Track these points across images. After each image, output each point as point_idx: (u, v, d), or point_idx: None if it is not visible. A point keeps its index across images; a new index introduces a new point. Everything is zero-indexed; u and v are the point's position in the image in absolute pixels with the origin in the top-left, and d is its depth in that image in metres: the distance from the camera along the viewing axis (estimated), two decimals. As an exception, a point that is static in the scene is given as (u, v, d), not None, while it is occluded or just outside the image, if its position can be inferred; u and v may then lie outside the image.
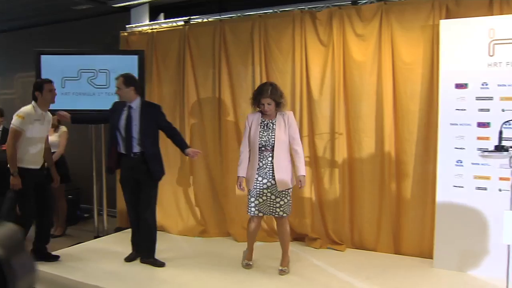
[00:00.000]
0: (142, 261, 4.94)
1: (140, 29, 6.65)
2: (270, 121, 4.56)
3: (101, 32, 7.41)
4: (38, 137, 4.83)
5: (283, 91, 4.69)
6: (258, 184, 4.55)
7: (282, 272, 4.58)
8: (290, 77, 5.52)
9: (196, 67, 6.18)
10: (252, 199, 4.59)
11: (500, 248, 3.83)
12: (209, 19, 6.16)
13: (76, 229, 6.97)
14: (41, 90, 4.78)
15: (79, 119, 5.13)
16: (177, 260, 5.06)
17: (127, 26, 6.78)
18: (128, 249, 5.07)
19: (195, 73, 6.17)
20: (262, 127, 4.57)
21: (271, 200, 4.52)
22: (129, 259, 5.00)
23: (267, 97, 4.49)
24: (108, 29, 7.22)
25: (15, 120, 4.69)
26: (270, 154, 4.50)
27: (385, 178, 5.15)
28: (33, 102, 4.81)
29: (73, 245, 5.77)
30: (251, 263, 4.79)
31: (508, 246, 3.46)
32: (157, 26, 6.52)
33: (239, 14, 5.95)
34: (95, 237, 6.14)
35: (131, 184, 4.86)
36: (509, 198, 3.47)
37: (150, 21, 6.68)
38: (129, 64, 5.89)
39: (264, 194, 4.54)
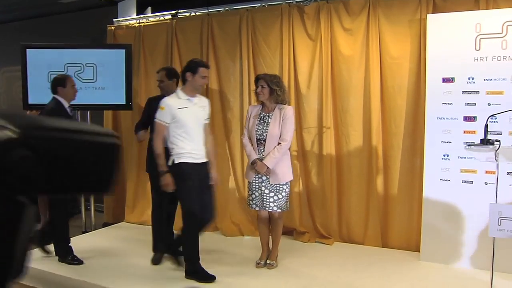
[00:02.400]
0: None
1: (127, 23, 6.61)
2: (267, 114, 4.53)
3: (88, 26, 7.35)
4: None
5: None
6: (255, 178, 4.55)
7: (270, 266, 4.59)
8: (278, 71, 5.50)
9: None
10: (250, 193, 4.61)
11: (486, 241, 3.86)
12: (197, 13, 6.14)
13: (63, 224, 6.93)
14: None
15: (138, 129, 5.10)
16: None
17: (114, 20, 6.73)
18: (115, 245, 5.05)
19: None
20: (259, 120, 4.56)
21: (265, 195, 4.52)
22: (157, 261, 4.80)
23: (261, 77, 4.52)
24: (95, 23, 7.17)
25: None
26: (263, 148, 4.49)
27: (372, 172, 5.17)
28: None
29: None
30: (261, 262, 4.66)
31: (494, 239, 3.50)
32: (144, 20, 6.48)
33: (226, 8, 5.92)
34: (83, 232, 6.11)
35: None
36: (495, 192, 3.51)
37: (137, 15, 6.64)
38: (116, 58, 5.85)
39: (259, 188, 4.53)
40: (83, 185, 0.72)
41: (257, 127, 4.55)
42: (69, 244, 4.81)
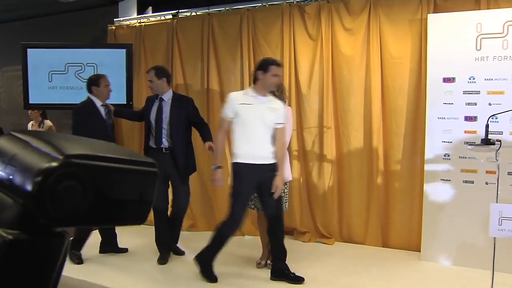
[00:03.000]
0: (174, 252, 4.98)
1: (128, 22, 6.60)
2: None
3: (88, 26, 7.34)
4: None
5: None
6: None
7: (271, 266, 4.58)
8: (278, 71, 5.52)
9: (184, 61, 6.15)
10: None
11: (486, 241, 3.86)
12: (197, 13, 6.13)
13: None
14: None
15: (121, 112, 5.20)
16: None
17: (115, 19, 6.73)
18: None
19: (183, 67, 6.15)
20: None
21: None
22: (164, 260, 4.77)
23: None
24: (96, 23, 7.16)
25: None
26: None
27: (373, 171, 5.17)
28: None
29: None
30: (262, 262, 4.63)
31: (494, 239, 3.50)
32: (145, 20, 6.48)
33: (227, 8, 5.92)
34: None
35: (159, 179, 4.76)
36: (496, 192, 3.50)
37: (138, 15, 6.64)
38: (117, 58, 5.85)
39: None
40: (123, 216, 0.70)
41: None
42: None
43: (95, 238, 5.76)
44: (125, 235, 5.28)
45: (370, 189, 5.21)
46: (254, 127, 4.02)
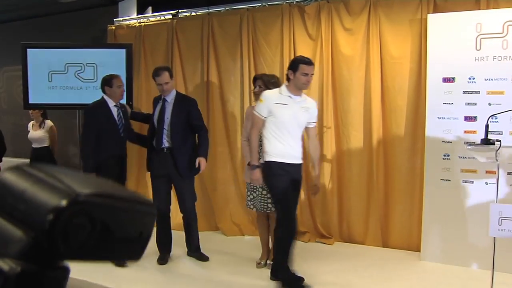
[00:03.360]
0: (190, 255, 4.94)
1: (127, 22, 6.60)
2: None
3: (88, 26, 7.34)
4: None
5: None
6: None
7: (270, 266, 4.58)
8: (278, 71, 5.50)
9: (184, 61, 6.15)
10: (248, 193, 4.61)
11: (486, 241, 3.86)
12: (197, 13, 6.13)
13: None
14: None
15: (135, 115, 5.21)
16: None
17: (114, 19, 6.73)
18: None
19: (183, 67, 6.15)
20: None
21: (263, 196, 4.51)
22: (164, 261, 4.79)
23: (258, 78, 4.55)
24: (96, 23, 7.16)
25: None
26: (260, 149, 4.47)
27: (373, 171, 5.17)
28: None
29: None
30: (261, 262, 4.65)
31: (494, 238, 3.50)
32: (145, 20, 6.48)
33: (227, 8, 5.92)
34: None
35: (160, 180, 4.76)
36: (495, 191, 3.50)
37: (138, 15, 6.64)
38: (117, 58, 5.85)
39: (257, 189, 4.53)
40: (123, 252, 0.73)
41: None
42: None
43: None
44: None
45: (370, 189, 5.21)
46: (287, 128, 4.00)
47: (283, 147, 3.99)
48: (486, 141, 3.45)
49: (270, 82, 4.46)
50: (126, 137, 4.95)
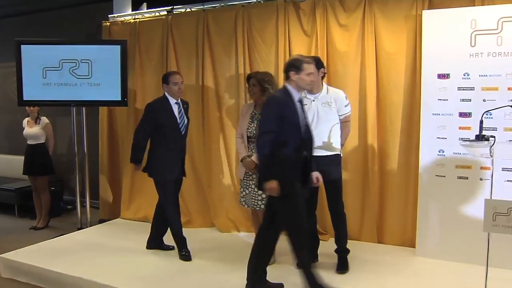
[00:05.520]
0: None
1: (122, 18, 6.58)
2: (259, 112, 4.53)
3: (83, 22, 7.33)
4: None
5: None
6: (246, 176, 4.55)
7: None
8: (273, 68, 5.50)
9: (179, 57, 6.14)
10: (241, 190, 4.62)
11: (481, 237, 3.87)
12: (192, 9, 6.12)
13: (59, 220, 6.94)
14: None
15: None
16: (161, 251, 5.05)
17: (109, 15, 6.71)
18: (111, 241, 5.06)
19: (178, 63, 6.13)
20: (251, 118, 4.56)
21: (255, 193, 4.52)
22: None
23: (252, 76, 4.55)
24: (90, 19, 7.15)
25: None
26: (254, 146, 4.47)
27: (368, 168, 5.18)
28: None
29: (56, 236, 5.73)
30: None
31: (488, 234, 3.51)
32: (139, 16, 6.46)
33: (222, 4, 5.91)
34: (78, 229, 6.10)
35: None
36: (490, 187, 3.52)
37: (132, 11, 6.62)
38: (111, 54, 5.83)
39: (250, 186, 4.54)
40: None
41: (248, 125, 4.55)
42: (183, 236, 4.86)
43: (86, 236, 5.76)
44: (121, 232, 5.28)
45: (365, 185, 5.22)
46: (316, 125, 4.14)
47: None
48: (481, 137, 3.47)
49: (264, 80, 4.47)
50: (186, 134, 4.94)
